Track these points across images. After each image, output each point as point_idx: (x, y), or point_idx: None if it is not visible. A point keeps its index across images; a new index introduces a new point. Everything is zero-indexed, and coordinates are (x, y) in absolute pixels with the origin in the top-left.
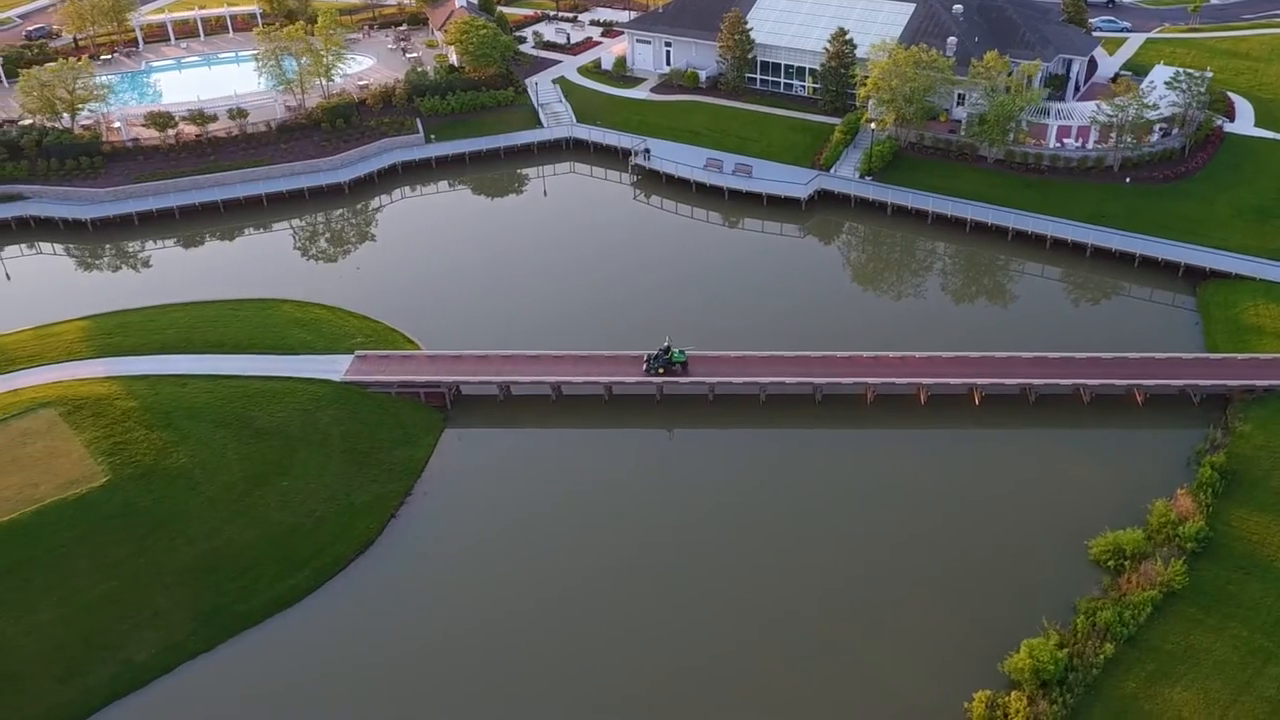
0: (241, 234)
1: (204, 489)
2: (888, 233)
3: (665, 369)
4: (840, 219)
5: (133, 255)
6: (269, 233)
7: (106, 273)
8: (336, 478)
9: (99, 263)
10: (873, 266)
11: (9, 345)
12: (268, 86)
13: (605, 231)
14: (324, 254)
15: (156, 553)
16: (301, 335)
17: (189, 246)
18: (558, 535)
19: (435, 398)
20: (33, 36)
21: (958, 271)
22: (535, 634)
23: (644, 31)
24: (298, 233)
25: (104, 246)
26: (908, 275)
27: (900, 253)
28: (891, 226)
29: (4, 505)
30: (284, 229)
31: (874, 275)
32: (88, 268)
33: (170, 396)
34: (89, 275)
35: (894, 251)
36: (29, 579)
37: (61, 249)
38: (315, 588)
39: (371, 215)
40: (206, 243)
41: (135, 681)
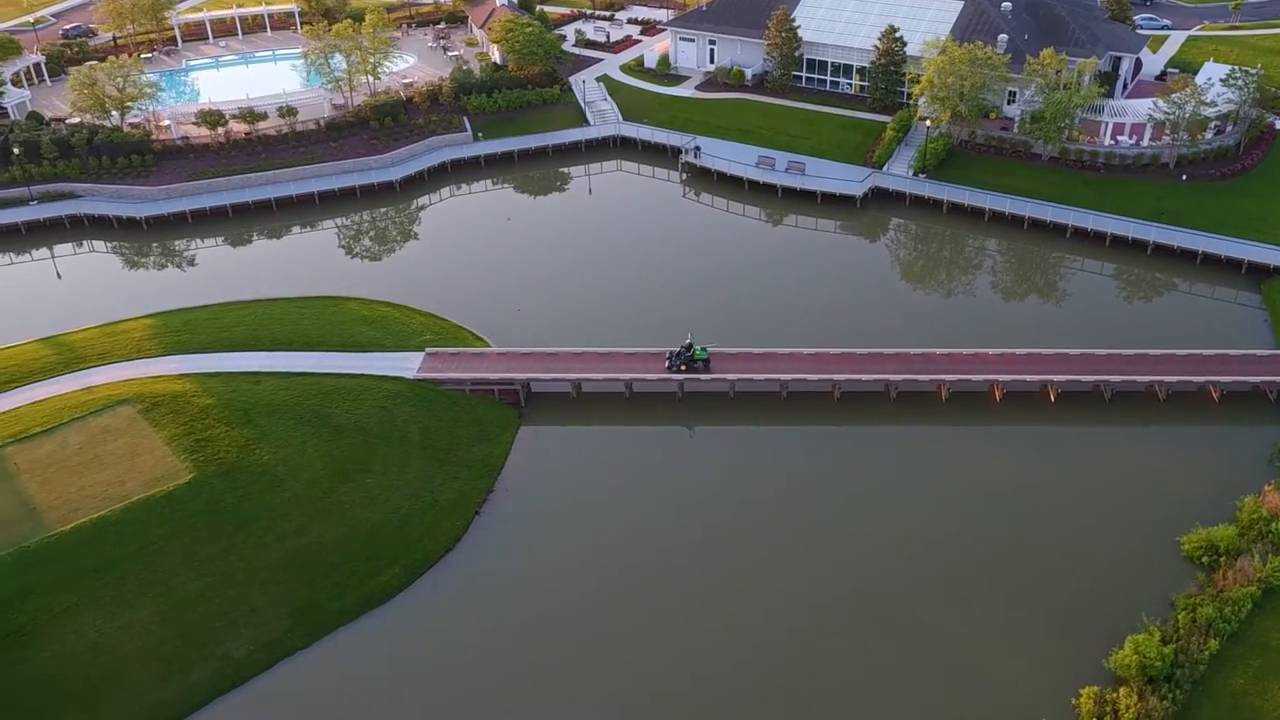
0: (295, 232)
1: (288, 486)
2: (944, 230)
3: (687, 366)
4: (895, 216)
5: (189, 253)
6: (323, 230)
7: (164, 270)
8: (418, 475)
9: (156, 260)
10: (932, 263)
11: (77, 342)
12: (307, 85)
13: (657, 229)
14: (381, 251)
15: (247, 550)
16: (370, 332)
17: (244, 244)
18: (646, 532)
19: (509, 394)
20: (70, 35)
21: (1019, 269)
22: (628, 628)
23: (688, 29)
24: (352, 230)
25: (159, 244)
26: (969, 272)
27: (959, 250)
28: (948, 224)
29: (92, 502)
30: (338, 227)
31: (934, 272)
32: (145, 266)
33: (246, 394)
34: (147, 273)
35: (953, 248)
36: (123, 576)
37: (117, 247)
38: (406, 584)
39: (424, 213)
40: (260, 240)
41: (236, 678)
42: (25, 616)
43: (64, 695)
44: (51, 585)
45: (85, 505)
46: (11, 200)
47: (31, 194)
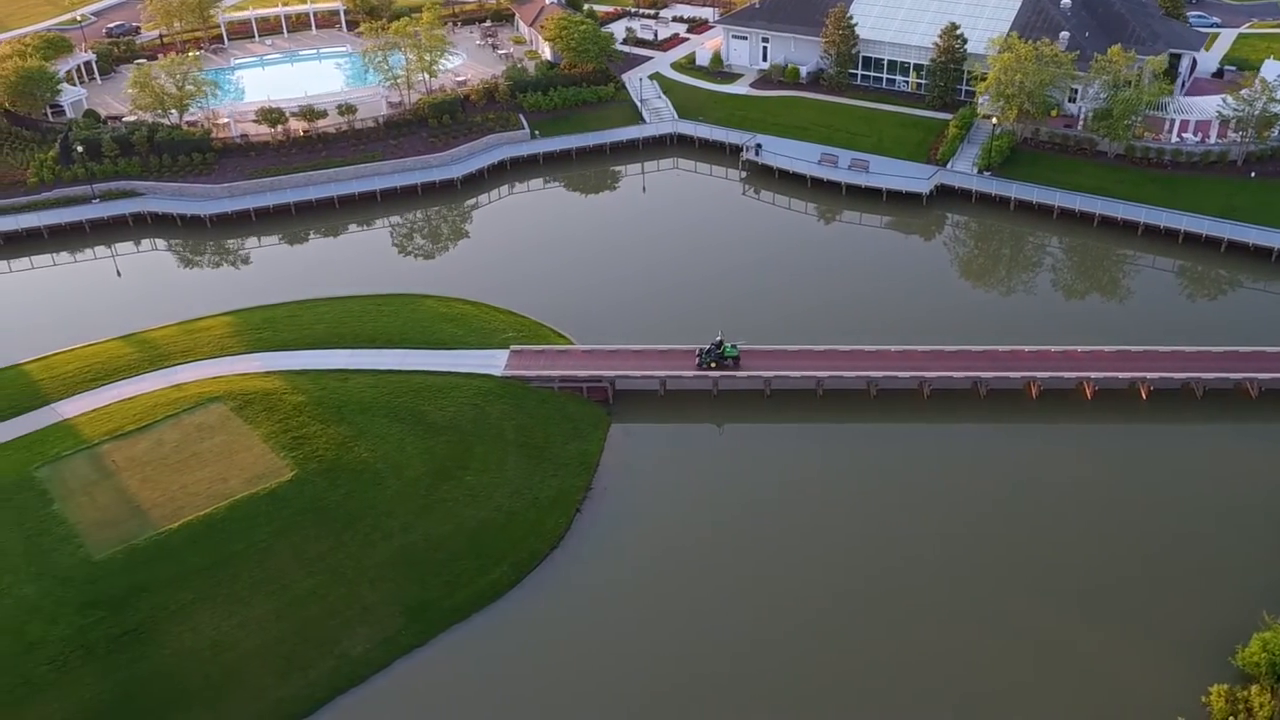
0: (359, 229)
1: (389, 484)
2: (1012, 227)
3: (717, 363)
4: (961, 214)
5: (255, 251)
6: (387, 228)
7: (232, 268)
8: (516, 472)
9: (223, 258)
10: (1002, 260)
11: (159, 340)
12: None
13: (719, 227)
14: (447, 249)
15: (355, 547)
16: (452, 330)
17: (309, 242)
18: (751, 530)
19: (597, 392)
20: (114, 33)
21: (1092, 266)
22: (738, 628)
23: (740, 27)
24: (417, 228)
25: (224, 242)
26: (1041, 269)
27: (1028, 247)
28: (1015, 221)
29: (197, 500)
30: (402, 224)
31: (1005, 269)
32: (212, 263)
33: (336, 391)
34: (215, 271)
35: (1022, 246)
36: (235, 574)
37: (182, 245)
38: (516, 582)
39: (485, 210)
40: (325, 238)
41: (354, 676)
42: (142, 614)
43: (187, 693)
44: (164, 583)
45: (190, 503)
46: (75, 198)
47: (94, 192)
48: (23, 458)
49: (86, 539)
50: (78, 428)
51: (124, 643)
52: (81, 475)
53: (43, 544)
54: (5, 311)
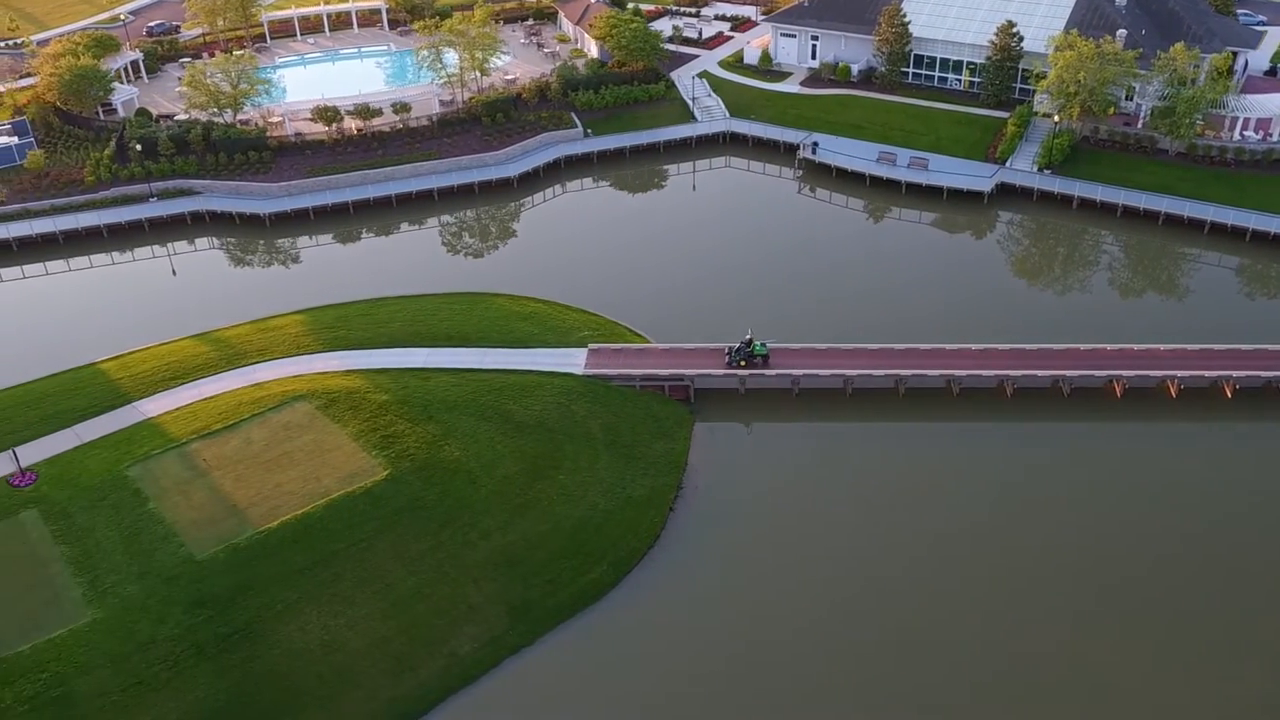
0: (418, 228)
1: (483, 483)
2: (1076, 226)
3: (747, 361)
4: (1023, 212)
5: (315, 249)
6: (446, 226)
7: (294, 267)
8: (607, 471)
9: (285, 257)
10: (1067, 259)
11: (233, 339)
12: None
13: (779, 226)
14: (509, 247)
15: (455, 547)
16: (527, 328)
17: (368, 240)
18: (846, 527)
19: (678, 390)
20: (154, 32)
21: (1160, 264)
22: (839, 626)
23: (789, 25)
24: (477, 226)
25: (284, 241)
26: (1107, 268)
27: (1093, 245)
28: (1078, 220)
29: (293, 499)
30: (460, 223)
31: (1070, 267)
32: (274, 262)
33: (419, 390)
34: (278, 270)
35: (1086, 244)
36: (339, 573)
37: (242, 243)
38: (616, 582)
39: (544, 209)
40: (384, 236)
41: (465, 676)
42: (249, 614)
43: (301, 693)
44: (268, 582)
45: (286, 502)
46: (132, 197)
47: (152, 190)
48: (112, 456)
49: (186, 538)
50: (163, 426)
51: (234, 642)
52: (173, 474)
53: (143, 543)
54: (74, 311)
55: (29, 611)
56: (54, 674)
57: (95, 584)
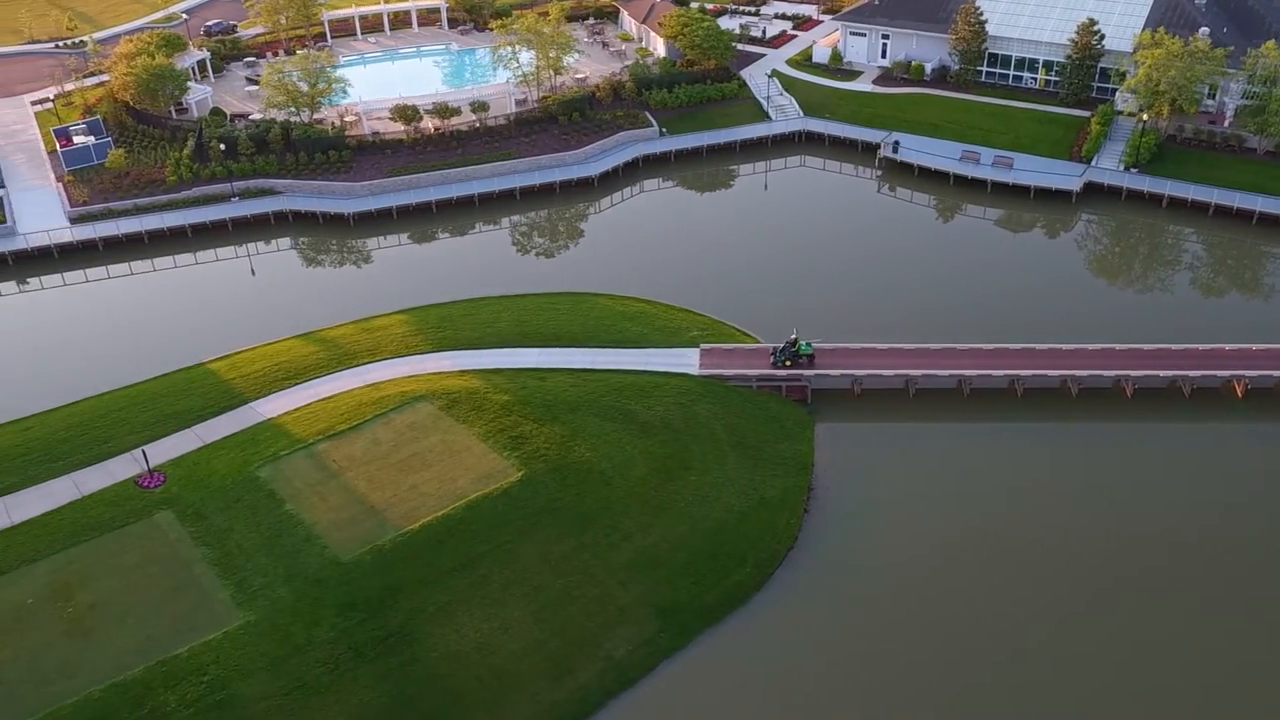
0: (501, 227)
1: (617, 484)
2: (1167, 225)
3: (792, 361)
4: (1112, 211)
5: (402, 249)
6: (529, 225)
7: (383, 266)
8: (737, 472)
9: (371, 257)
10: (1159, 259)
11: (338, 339)
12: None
13: (864, 225)
14: (597, 246)
15: (598, 548)
16: (636, 328)
17: (453, 239)
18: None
19: (795, 391)
20: (212, 32)
21: (1258, 264)
22: (988, 635)
23: (859, 24)
24: (562, 225)
25: (370, 240)
26: (1201, 267)
27: (1185, 245)
28: (1169, 219)
29: (430, 500)
30: (544, 222)
31: (1169, 267)
32: (361, 262)
33: (538, 390)
34: (367, 269)
35: (1179, 244)
36: (486, 575)
37: (327, 243)
38: (760, 584)
39: (626, 208)
40: (468, 236)
41: (622, 679)
42: (401, 616)
43: (463, 697)
44: (416, 584)
45: (423, 504)
46: (214, 197)
47: (234, 190)
48: (240, 457)
49: (328, 540)
50: (286, 427)
51: (390, 645)
52: (305, 475)
53: (285, 545)
54: (171, 310)
55: (180, 614)
56: (215, 677)
57: (243, 586)
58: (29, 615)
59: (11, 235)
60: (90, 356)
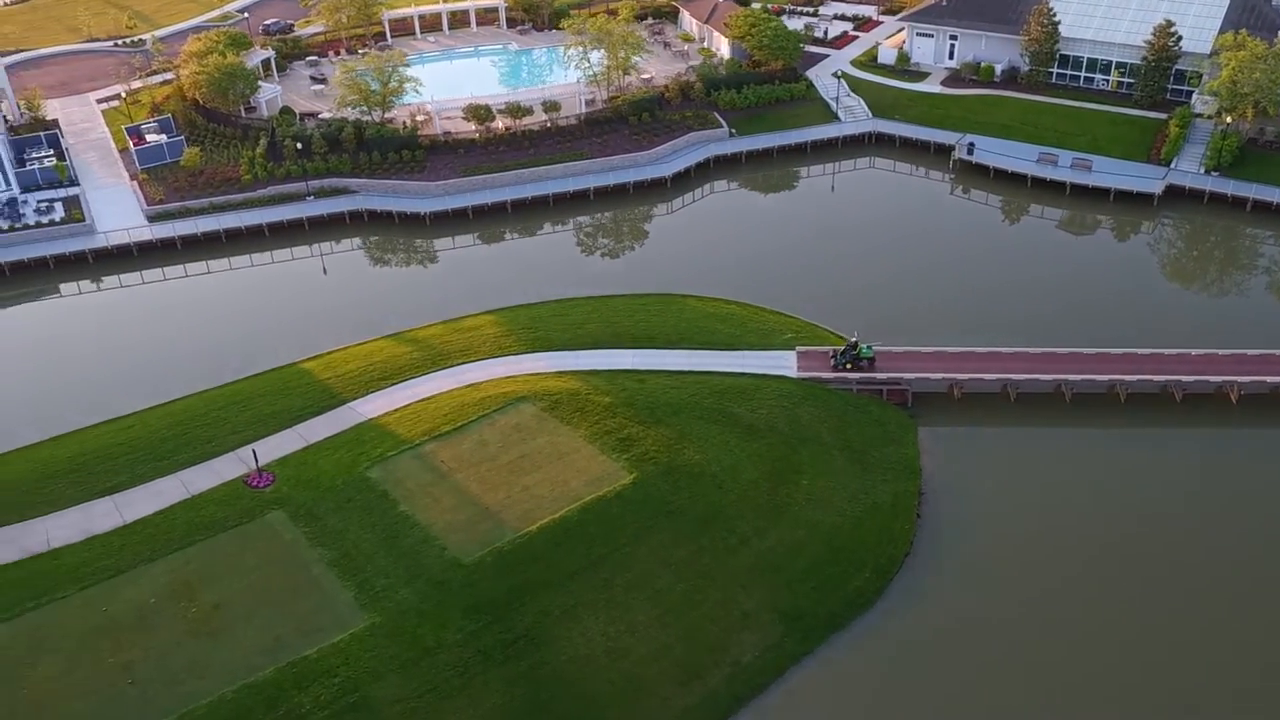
0: (577, 228)
1: (729, 487)
2: (1252, 229)
3: (853, 364)
4: (1194, 215)
5: (479, 249)
6: (605, 226)
7: (461, 266)
8: (847, 476)
9: (448, 256)
10: (1245, 263)
11: (429, 339)
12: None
13: (941, 228)
14: (676, 246)
15: (716, 552)
16: (728, 330)
17: (529, 239)
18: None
19: (895, 394)
20: (270, 31)
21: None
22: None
23: (926, 24)
24: (638, 226)
25: (447, 240)
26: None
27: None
28: (1253, 223)
29: (544, 502)
30: (620, 222)
31: (1249, 271)
32: (440, 261)
33: (638, 391)
34: (445, 269)
35: (1267, 247)
36: (608, 578)
37: (404, 243)
38: (882, 589)
39: (700, 209)
40: (544, 236)
41: (751, 685)
42: (528, 619)
43: (595, 701)
44: (539, 587)
45: (537, 506)
46: (289, 195)
47: (309, 189)
48: (347, 457)
49: (446, 541)
50: (389, 427)
51: (519, 649)
52: (415, 476)
53: (403, 546)
54: (255, 309)
55: (303, 615)
56: (346, 679)
57: (365, 587)
58: (153, 614)
59: (91, 234)
60: (180, 354)
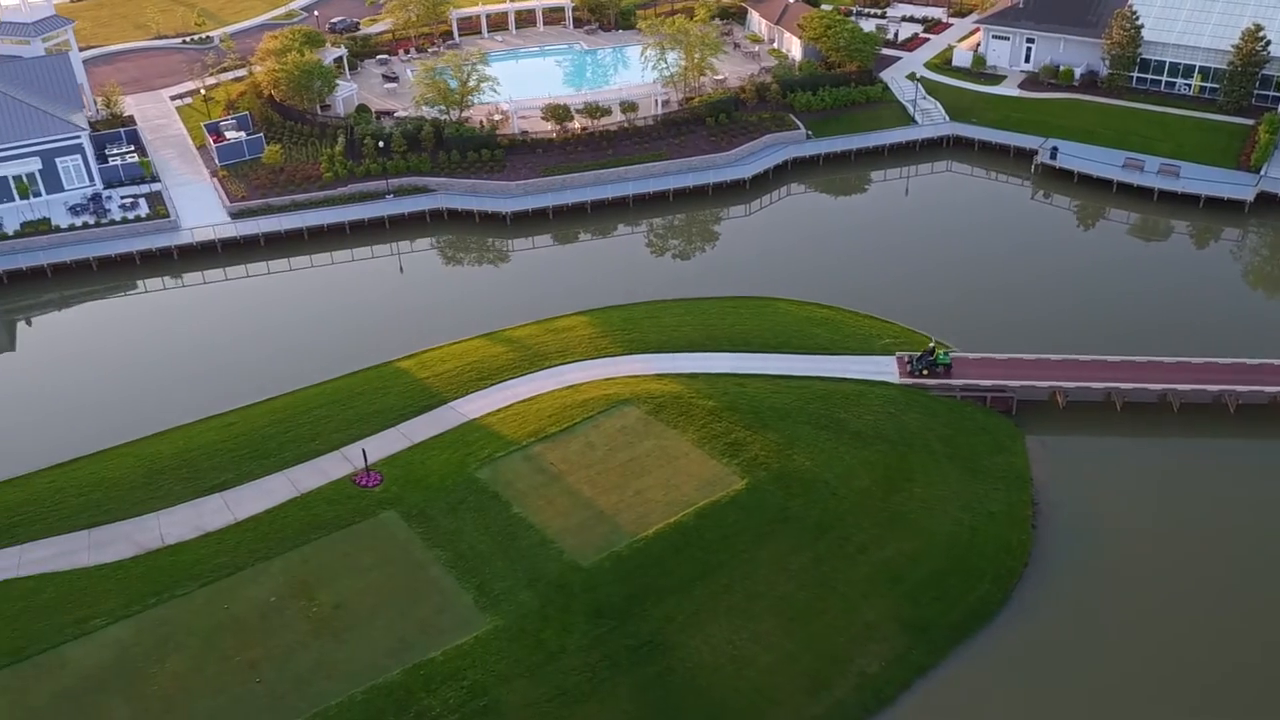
0: (657, 229)
1: (843, 494)
2: None
3: (929, 370)
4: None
5: (559, 249)
6: (687, 227)
7: (545, 266)
8: (959, 485)
9: (531, 256)
10: None
11: (523, 339)
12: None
13: (1028, 232)
14: (759, 249)
15: (835, 561)
16: (825, 334)
17: (610, 240)
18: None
19: (999, 402)
20: (337, 29)
21: None
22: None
23: (1002, 27)
24: (720, 227)
25: (526, 240)
26: None
27: None
28: None
29: (658, 507)
30: (701, 224)
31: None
32: (523, 261)
33: (740, 396)
34: (530, 268)
35: None
36: (728, 585)
37: (485, 242)
38: (1004, 600)
39: (780, 211)
40: (626, 237)
41: (880, 697)
42: (651, 625)
43: (725, 710)
44: (660, 593)
45: (651, 510)
46: (370, 194)
47: (389, 188)
48: (455, 458)
49: (562, 544)
50: (492, 428)
51: (644, 655)
52: (525, 478)
53: (519, 548)
54: (341, 307)
55: (425, 616)
56: (474, 682)
57: (484, 590)
58: (274, 613)
59: (176, 230)
60: (272, 351)
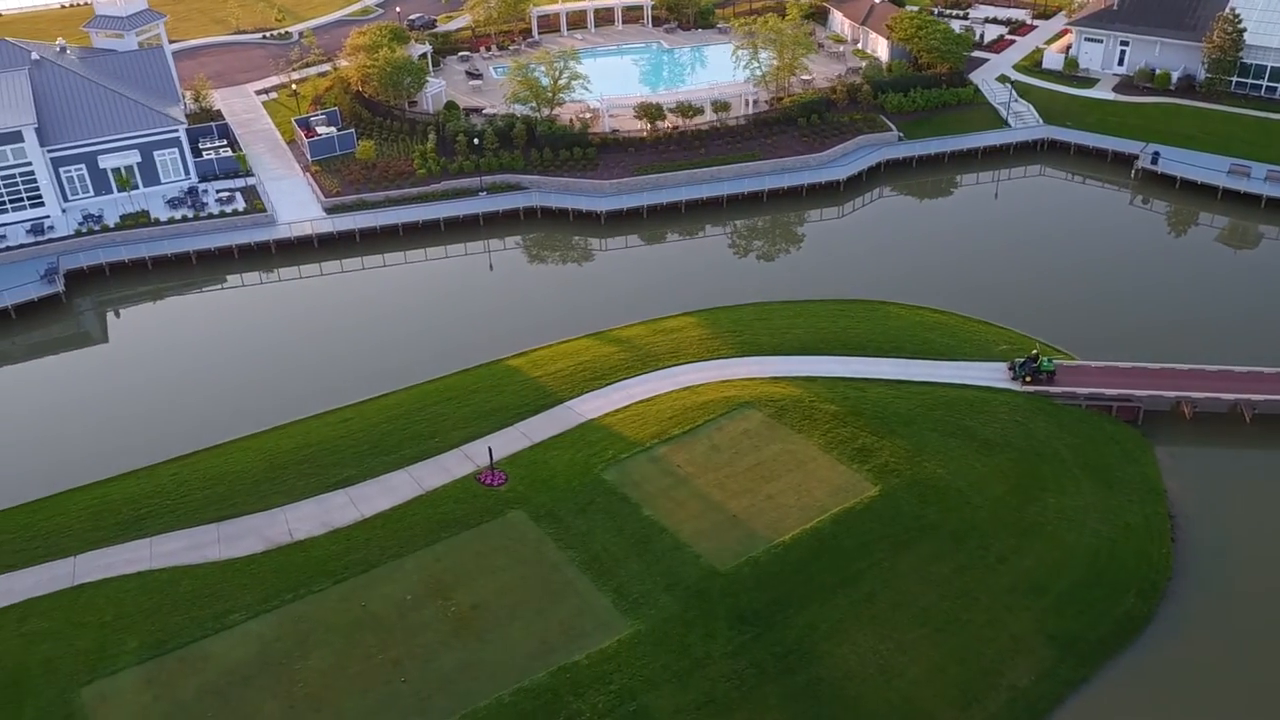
0: (754, 230)
1: (978, 504)
2: None
3: (1032, 377)
4: None
5: (655, 248)
6: (783, 228)
7: (645, 265)
8: (1093, 495)
9: (628, 255)
10: None
11: (633, 339)
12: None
13: (1132, 238)
14: (861, 251)
15: (976, 570)
16: (940, 339)
17: (705, 240)
18: None
19: (1125, 411)
20: (415, 25)
21: None
22: None
23: (1095, 29)
24: (818, 229)
25: (621, 239)
26: None
27: None
28: None
29: (792, 512)
30: (798, 225)
31: None
32: (621, 260)
33: (861, 400)
34: (628, 268)
35: None
36: (870, 594)
37: (581, 241)
38: (1150, 615)
39: (875, 213)
40: (722, 237)
41: (1032, 712)
42: (796, 633)
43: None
44: (801, 600)
45: (784, 515)
46: (462, 190)
47: (482, 185)
48: (579, 458)
49: (697, 548)
50: (613, 428)
51: (791, 663)
52: (652, 480)
53: (655, 551)
54: (443, 304)
55: (564, 619)
56: (621, 687)
57: (622, 593)
58: (412, 612)
59: (273, 225)
60: (378, 347)
